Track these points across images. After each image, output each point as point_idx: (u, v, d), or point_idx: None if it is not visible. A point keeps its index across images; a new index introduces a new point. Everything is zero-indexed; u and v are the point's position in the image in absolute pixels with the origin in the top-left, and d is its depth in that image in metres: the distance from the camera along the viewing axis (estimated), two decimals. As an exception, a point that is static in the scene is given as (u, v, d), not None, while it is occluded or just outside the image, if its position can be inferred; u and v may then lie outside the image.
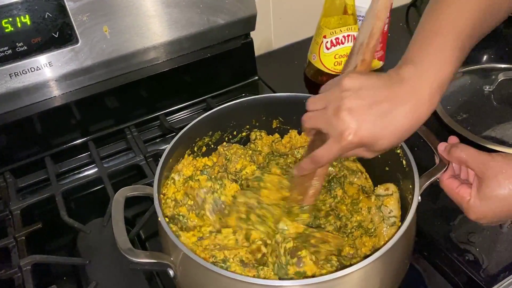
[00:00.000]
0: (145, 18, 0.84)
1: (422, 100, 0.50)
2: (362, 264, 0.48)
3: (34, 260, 0.69)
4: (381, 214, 0.66)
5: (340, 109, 0.49)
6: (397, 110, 0.49)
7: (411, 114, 0.50)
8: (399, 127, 0.50)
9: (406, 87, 0.50)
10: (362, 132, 0.49)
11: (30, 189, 0.87)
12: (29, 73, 0.78)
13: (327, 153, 0.53)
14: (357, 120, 0.49)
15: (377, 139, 0.50)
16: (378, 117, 0.49)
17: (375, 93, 0.50)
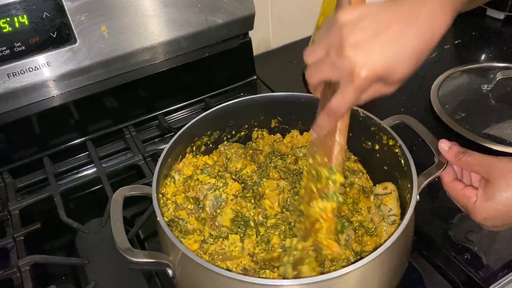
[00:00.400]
0: (143, 18, 0.84)
1: (434, 12, 0.44)
2: (360, 263, 0.48)
3: (33, 260, 0.69)
4: (380, 213, 0.66)
5: (343, 48, 0.44)
6: (408, 30, 0.44)
7: (425, 30, 0.44)
8: (415, 47, 0.44)
9: (412, 4, 0.44)
10: (374, 64, 0.44)
11: (28, 189, 0.87)
12: (27, 73, 0.78)
13: (342, 100, 0.47)
14: (365, 53, 0.43)
15: (393, 67, 0.44)
16: (388, 42, 0.44)
17: (377, 19, 0.44)
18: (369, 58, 0.44)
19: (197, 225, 0.64)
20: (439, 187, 0.75)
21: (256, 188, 0.68)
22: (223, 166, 0.74)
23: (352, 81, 0.45)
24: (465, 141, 0.84)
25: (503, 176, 0.54)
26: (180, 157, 0.72)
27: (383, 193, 0.68)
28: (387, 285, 0.56)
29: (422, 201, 0.61)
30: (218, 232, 0.63)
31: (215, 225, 0.64)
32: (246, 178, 0.71)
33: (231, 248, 0.61)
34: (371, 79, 0.44)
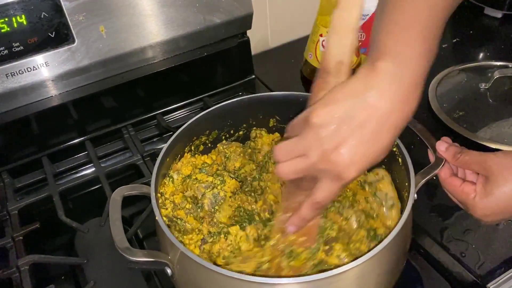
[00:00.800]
0: (141, 17, 0.84)
1: (405, 100, 0.46)
2: (358, 262, 0.48)
3: (32, 260, 0.70)
4: (378, 200, 0.67)
5: (327, 153, 0.46)
6: (387, 123, 0.45)
7: (397, 119, 0.46)
8: (391, 136, 0.47)
9: (382, 92, 0.45)
10: (360, 164, 0.46)
11: (27, 189, 0.87)
12: (25, 73, 0.78)
13: (329, 195, 0.50)
14: (350, 156, 0.45)
15: (375, 159, 0.47)
16: (368, 140, 0.46)
17: (352, 119, 0.45)
18: (356, 160, 0.46)
19: (195, 224, 0.64)
20: (437, 185, 0.75)
21: (257, 184, 0.68)
22: (222, 165, 0.74)
23: (339, 181, 0.47)
24: (463, 139, 0.85)
25: (501, 172, 0.54)
26: (179, 157, 0.72)
27: (375, 179, 0.69)
28: (385, 283, 0.57)
29: (420, 199, 0.61)
30: (216, 229, 0.63)
31: (213, 221, 0.64)
32: (245, 176, 0.71)
33: (236, 240, 0.61)
34: (359, 176, 0.48)
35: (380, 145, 0.46)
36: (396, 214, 0.65)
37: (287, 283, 0.48)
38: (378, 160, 0.48)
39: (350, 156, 0.45)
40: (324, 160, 0.46)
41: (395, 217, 0.64)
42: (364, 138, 0.45)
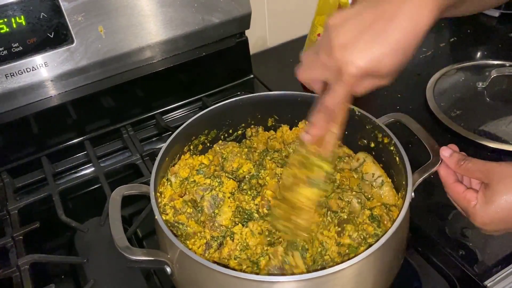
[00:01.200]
0: (140, 17, 0.84)
1: (417, 7, 0.45)
2: (355, 260, 0.49)
3: (32, 259, 0.70)
4: (367, 182, 0.69)
5: (331, 49, 0.47)
6: (390, 26, 0.45)
7: (407, 25, 0.45)
8: (398, 41, 0.46)
9: (394, 1, 0.46)
10: (360, 60, 0.46)
11: (27, 189, 0.87)
12: (24, 74, 0.79)
13: (334, 97, 0.50)
14: (351, 52, 0.46)
15: (379, 62, 0.46)
16: (372, 39, 0.46)
17: (362, 19, 0.47)
18: (355, 55, 0.46)
19: (197, 228, 0.64)
20: (435, 184, 0.76)
21: (255, 181, 0.69)
22: (219, 166, 0.74)
23: (341, 79, 0.47)
24: (461, 138, 0.85)
25: (502, 180, 0.54)
26: (178, 156, 0.72)
27: (358, 164, 0.71)
28: (382, 281, 0.57)
29: (418, 197, 0.61)
30: (219, 233, 0.63)
31: (214, 226, 0.64)
32: (243, 176, 0.72)
33: (243, 238, 0.61)
34: (359, 75, 0.47)
35: (386, 45, 0.46)
36: (389, 189, 0.67)
37: (286, 281, 0.48)
38: (384, 65, 0.47)
39: (351, 51, 0.46)
40: (328, 55, 0.47)
41: (388, 193, 0.67)
42: (368, 36, 0.46)
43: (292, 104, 0.76)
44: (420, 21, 0.46)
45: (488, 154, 0.83)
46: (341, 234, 0.60)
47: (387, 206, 0.65)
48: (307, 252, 0.59)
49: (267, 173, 0.69)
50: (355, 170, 0.71)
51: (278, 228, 0.61)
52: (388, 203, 0.66)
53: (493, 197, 0.55)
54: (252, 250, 0.60)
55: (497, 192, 0.54)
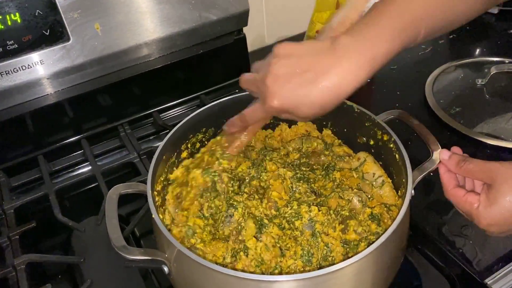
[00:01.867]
0: (136, 14, 0.84)
1: (345, 72, 0.49)
2: (355, 259, 0.48)
3: (28, 259, 0.69)
4: (367, 182, 0.69)
5: (266, 75, 0.51)
6: (317, 80, 0.49)
7: (331, 86, 0.49)
8: (319, 97, 0.49)
9: (332, 57, 0.49)
10: (282, 99, 0.50)
11: (23, 188, 0.86)
12: (20, 71, 0.78)
13: (253, 113, 0.57)
14: (279, 87, 0.50)
15: (297, 107, 0.50)
16: (299, 86, 0.49)
17: (300, 61, 0.50)
18: (280, 93, 0.50)
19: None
20: (434, 181, 0.75)
21: (256, 183, 0.68)
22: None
23: (263, 104, 0.52)
24: (460, 135, 0.85)
25: (506, 181, 0.53)
26: (175, 154, 0.71)
27: (358, 164, 0.71)
28: (382, 280, 0.57)
29: (417, 195, 0.61)
30: (239, 246, 0.60)
31: (238, 239, 0.61)
32: (242, 175, 0.71)
33: (258, 253, 0.59)
34: (277, 109, 0.51)
35: (308, 96, 0.49)
36: (389, 190, 0.67)
37: (285, 280, 0.48)
38: (300, 112, 0.51)
39: (279, 87, 0.50)
40: (262, 79, 0.51)
41: (389, 193, 0.67)
42: (297, 81, 0.49)
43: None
44: (343, 87, 0.49)
45: (487, 151, 0.82)
46: (345, 231, 0.60)
47: (387, 206, 0.65)
48: (313, 256, 0.58)
49: (269, 176, 0.68)
50: (355, 169, 0.71)
51: None
52: (388, 203, 0.66)
53: (497, 198, 0.54)
54: (267, 265, 0.58)
55: (501, 193, 0.54)
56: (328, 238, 0.60)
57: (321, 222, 0.61)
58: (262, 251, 0.58)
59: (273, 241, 0.60)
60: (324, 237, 0.60)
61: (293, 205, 0.63)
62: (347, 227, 0.60)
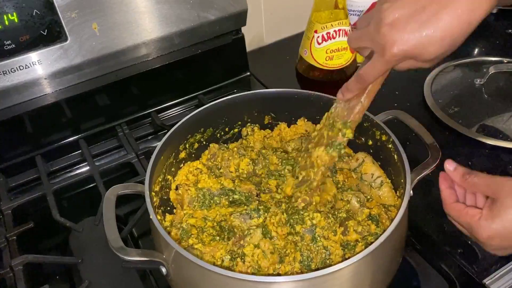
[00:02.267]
0: (134, 14, 0.83)
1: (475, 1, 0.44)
2: (353, 260, 0.48)
3: (26, 260, 0.69)
4: (366, 183, 0.69)
5: (381, 23, 0.47)
6: (444, 12, 0.44)
7: (461, 13, 0.44)
8: (449, 30, 0.44)
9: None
10: (405, 43, 0.45)
11: (21, 189, 0.86)
12: (18, 71, 0.78)
13: (372, 69, 0.51)
14: (398, 31, 0.46)
15: (424, 47, 0.46)
16: (423, 23, 0.45)
17: (416, 1, 0.45)
18: (401, 37, 0.45)
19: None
20: (433, 181, 0.75)
21: (274, 181, 0.69)
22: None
23: (383, 55, 0.48)
24: (459, 135, 0.85)
25: (509, 194, 0.52)
26: (173, 155, 0.71)
27: (357, 165, 0.71)
28: (381, 281, 0.57)
29: (416, 195, 0.61)
30: (238, 251, 0.59)
31: (240, 243, 0.60)
32: (248, 176, 0.71)
33: (254, 260, 0.57)
34: (401, 56, 0.47)
35: (435, 31, 0.45)
36: (388, 190, 0.67)
37: (283, 281, 0.48)
38: (427, 52, 0.46)
39: (398, 30, 0.46)
40: (376, 29, 0.47)
41: (388, 194, 0.67)
42: (420, 18, 0.45)
43: (289, 101, 0.76)
44: (474, 12, 0.44)
45: (486, 151, 0.82)
46: (346, 232, 0.60)
47: (385, 206, 0.64)
48: (312, 261, 0.58)
49: (286, 176, 0.69)
50: (354, 170, 0.71)
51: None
52: (387, 203, 0.66)
53: (501, 211, 0.52)
54: (264, 271, 0.57)
55: (505, 206, 0.52)
56: (328, 242, 0.59)
57: (322, 226, 0.60)
58: (259, 258, 0.57)
59: (271, 248, 0.59)
60: (323, 240, 0.59)
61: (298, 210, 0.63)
62: (346, 228, 0.60)
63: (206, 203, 0.67)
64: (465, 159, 0.81)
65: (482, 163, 0.80)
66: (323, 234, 0.60)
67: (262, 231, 0.60)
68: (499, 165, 0.80)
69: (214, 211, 0.66)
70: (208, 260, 0.58)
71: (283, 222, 0.62)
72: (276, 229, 0.61)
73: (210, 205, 0.67)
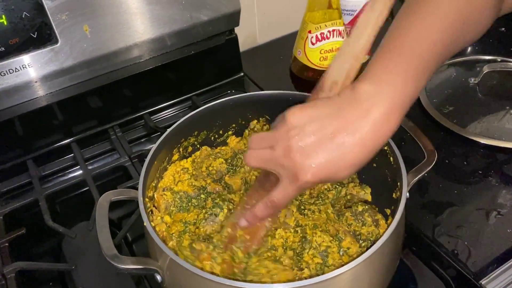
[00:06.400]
0: (126, 15, 0.82)
1: (378, 123, 0.45)
2: (351, 265, 0.47)
3: (18, 267, 0.68)
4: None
5: (291, 150, 0.47)
6: (351, 139, 0.45)
7: (367, 140, 0.46)
8: (357, 155, 0.46)
9: (359, 110, 0.46)
10: (317, 171, 0.46)
11: (12, 194, 0.85)
12: (7, 75, 0.76)
13: (284, 196, 0.51)
14: (310, 159, 0.46)
15: (335, 172, 0.47)
16: (332, 151, 0.46)
17: (324, 125, 0.46)
18: (313, 165, 0.46)
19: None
20: (429, 182, 0.75)
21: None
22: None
23: (295, 183, 0.48)
24: (453, 135, 0.84)
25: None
26: (167, 160, 0.70)
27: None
28: (378, 284, 0.56)
29: (412, 196, 0.60)
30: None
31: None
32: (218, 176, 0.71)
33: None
34: (315, 183, 0.48)
35: (344, 160, 0.46)
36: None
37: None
38: (338, 177, 0.48)
39: (310, 159, 0.46)
40: (286, 155, 0.47)
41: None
42: (329, 148, 0.46)
43: (283, 103, 0.74)
44: (381, 135, 0.46)
45: (481, 150, 0.82)
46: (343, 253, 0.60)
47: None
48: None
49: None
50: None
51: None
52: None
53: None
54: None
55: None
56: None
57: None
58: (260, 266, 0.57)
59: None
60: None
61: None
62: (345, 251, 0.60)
63: (184, 206, 0.66)
64: (459, 159, 0.80)
65: (476, 162, 0.80)
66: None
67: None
68: (494, 164, 0.80)
69: (193, 214, 0.66)
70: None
71: None
72: None
73: (188, 208, 0.67)
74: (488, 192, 0.74)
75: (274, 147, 0.48)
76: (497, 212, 0.71)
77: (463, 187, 0.75)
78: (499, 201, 0.73)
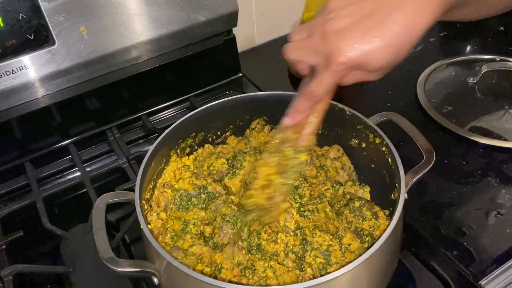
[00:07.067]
0: (123, 17, 0.82)
1: (418, 5, 0.44)
2: (350, 267, 0.47)
3: (15, 270, 0.67)
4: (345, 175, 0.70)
5: (326, 33, 0.45)
6: (388, 19, 0.44)
7: (406, 20, 0.44)
8: (394, 37, 0.44)
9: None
10: (350, 51, 0.44)
11: (10, 196, 0.84)
12: (4, 77, 0.76)
13: (320, 84, 0.49)
14: (344, 39, 0.45)
15: (369, 55, 0.45)
16: (367, 31, 0.44)
17: (361, 7, 0.45)
18: (346, 44, 0.44)
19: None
20: (427, 182, 0.75)
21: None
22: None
23: (329, 66, 0.46)
24: (452, 135, 0.84)
25: None
26: (164, 161, 0.70)
27: (338, 155, 0.72)
28: (377, 286, 0.56)
29: (410, 197, 0.60)
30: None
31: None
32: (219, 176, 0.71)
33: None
34: (347, 65, 0.45)
35: (376, 41, 0.44)
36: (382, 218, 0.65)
37: (279, 291, 0.47)
38: (373, 60, 0.45)
39: (344, 39, 0.45)
40: (321, 39, 0.46)
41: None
42: (363, 27, 0.44)
43: (281, 104, 0.74)
44: (420, 20, 0.44)
45: (480, 150, 0.82)
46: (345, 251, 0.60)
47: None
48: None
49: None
50: (333, 159, 0.73)
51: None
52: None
53: None
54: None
55: None
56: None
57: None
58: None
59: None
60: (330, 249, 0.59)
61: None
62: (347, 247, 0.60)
63: (183, 205, 0.66)
64: (458, 159, 0.80)
65: (475, 162, 0.80)
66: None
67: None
68: (493, 164, 0.79)
69: (192, 213, 0.66)
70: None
71: None
72: None
73: (187, 207, 0.66)
74: (487, 192, 0.74)
75: (313, 33, 0.47)
76: (497, 212, 0.71)
77: (462, 187, 0.75)
78: (499, 201, 0.73)
